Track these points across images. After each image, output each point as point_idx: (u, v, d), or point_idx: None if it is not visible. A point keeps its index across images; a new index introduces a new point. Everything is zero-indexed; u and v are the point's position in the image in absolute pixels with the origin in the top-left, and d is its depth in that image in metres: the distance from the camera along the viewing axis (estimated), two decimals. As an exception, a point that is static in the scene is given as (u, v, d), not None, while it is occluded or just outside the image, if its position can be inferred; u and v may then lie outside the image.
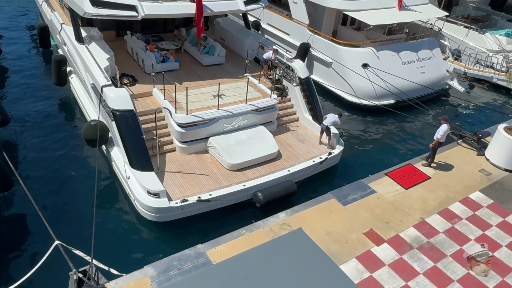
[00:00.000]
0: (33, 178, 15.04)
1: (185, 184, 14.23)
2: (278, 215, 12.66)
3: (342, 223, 12.58)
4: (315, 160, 16.20)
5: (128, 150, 14.24)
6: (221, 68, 20.03)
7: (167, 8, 17.08)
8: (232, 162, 14.96)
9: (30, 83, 21.85)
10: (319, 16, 25.74)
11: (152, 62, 18.13)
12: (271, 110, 17.26)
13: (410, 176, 15.02)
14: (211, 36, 22.49)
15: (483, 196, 14.38)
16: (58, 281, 10.73)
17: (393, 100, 22.32)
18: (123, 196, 14.81)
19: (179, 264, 10.57)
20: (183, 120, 15.29)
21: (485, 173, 15.62)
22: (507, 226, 13.08)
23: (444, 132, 15.01)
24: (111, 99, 14.58)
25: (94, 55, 16.81)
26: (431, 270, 11.20)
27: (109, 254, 12.12)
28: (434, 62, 24.56)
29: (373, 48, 22.94)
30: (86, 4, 16.07)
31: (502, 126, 16.12)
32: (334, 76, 23.45)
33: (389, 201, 13.73)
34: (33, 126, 18.22)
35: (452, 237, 12.42)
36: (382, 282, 10.67)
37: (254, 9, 20.50)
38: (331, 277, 8.42)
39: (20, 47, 26.00)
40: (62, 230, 11.47)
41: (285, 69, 19.21)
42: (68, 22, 20.09)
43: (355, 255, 11.43)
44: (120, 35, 21.44)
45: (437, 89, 24.21)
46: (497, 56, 27.52)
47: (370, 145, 19.83)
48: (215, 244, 11.39)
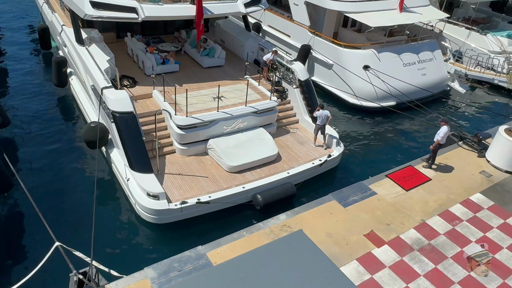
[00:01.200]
0: (33, 180, 15.01)
1: (184, 186, 14.22)
2: (279, 217, 12.63)
3: (342, 225, 12.54)
4: (315, 162, 16.18)
5: (128, 152, 14.23)
6: (221, 70, 20.03)
7: (167, 10, 17.10)
8: (231, 164, 14.95)
9: (30, 84, 21.89)
10: (320, 18, 25.74)
11: (152, 64, 18.14)
12: (271, 112, 17.25)
13: (410, 178, 14.98)
14: (211, 38, 22.50)
15: (484, 198, 14.33)
16: (58, 282, 10.72)
17: (394, 102, 22.28)
18: (123, 198, 14.80)
19: (179, 266, 10.53)
20: (183, 122, 15.29)
21: (485, 175, 15.57)
22: (508, 228, 13.02)
23: (444, 134, 14.96)
24: (111, 101, 14.58)
25: (95, 56, 16.84)
26: (432, 272, 11.14)
27: (109, 256, 12.15)
28: (435, 64, 24.53)
29: (374, 50, 22.93)
30: (87, 6, 16.09)
31: (502, 128, 16.07)
32: (335, 78, 23.43)
33: (390, 203, 13.68)
34: (33, 128, 18.22)
35: (453, 238, 12.37)
36: (383, 284, 10.62)
37: (254, 11, 20.50)
38: (331, 279, 8.40)
39: (20, 48, 26.06)
40: (62, 232, 11.44)
41: (285, 71, 19.20)
42: (68, 23, 20.12)
43: (355, 257, 11.37)
44: (120, 37, 21.49)
45: (438, 91, 24.18)
46: (498, 57, 27.50)
47: (370, 146, 19.80)
48: (215, 245, 11.35)
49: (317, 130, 16.89)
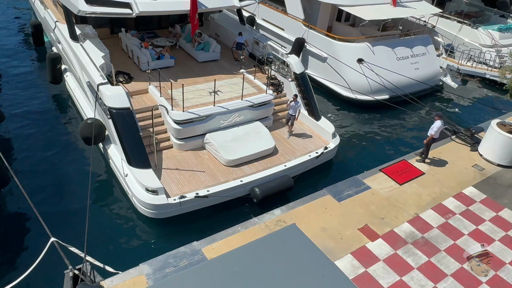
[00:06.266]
0: (28, 176, 14.99)
1: (182, 180, 14.31)
2: (274, 212, 12.78)
3: (337, 219, 12.73)
4: (311, 154, 16.33)
5: (126, 148, 14.27)
6: (216, 64, 20.04)
7: (161, 5, 17.04)
8: (229, 158, 15.05)
9: (24, 80, 21.73)
10: (314, 11, 25.78)
11: (147, 59, 18.09)
12: (267, 106, 17.35)
13: (404, 172, 15.18)
14: (206, 32, 22.48)
15: (476, 191, 14.58)
16: (53, 278, 10.75)
17: (387, 95, 22.44)
18: (119, 194, 14.84)
19: (174, 262, 10.66)
20: (180, 117, 15.34)
21: (478, 169, 15.81)
22: (500, 221, 13.29)
23: (437, 128, 15.13)
24: (108, 97, 14.59)
25: (89, 53, 16.76)
26: (425, 265, 11.37)
27: (105, 252, 12.18)
28: (428, 58, 24.70)
29: (368, 43, 23.02)
30: (80, 2, 16.01)
31: (495, 122, 16.31)
32: (329, 71, 23.52)
33: (384, 197, 13.88)
34: (28, 124, 18.15)
35: (446, 232, 12.61)
36: (377, 277, 10.83)
37: (248, 5, 20.54)
38: (325, 273, 8.49)
39: (13, 44, 25.77)
40: (57, 228, 11.43)
41: (280, 64, 19.27)
42: (62, 20, 20.00)
43: (350, 251, 11.58)
44: (114, 32, 21.36)
45: (431, 85, 24.37)
46: (490, 52, 27.69)
47: (364, 141, 19.95)
48: (210, 241, 11.49)
49: (287, 120, 17.12)
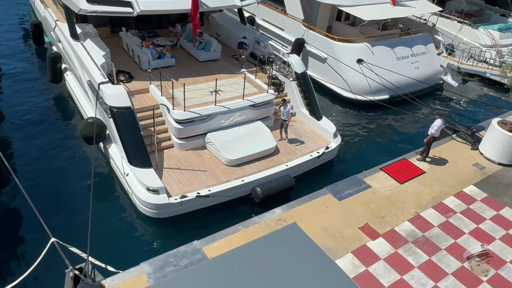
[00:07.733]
0: (28, 176, 15.02)
1: (183, 180, 14.32)
2: (274, 211, 12.78)
3: (337, 218, 12.73)
4: (313, 154, 16.34)
5: (126, 147, 14.29)
6: (217, 63, 20.07)
7: (162, 4, 17.08)
8: (230, 157, 15.06)
9: (24, 80, 21.75)
10: (314, 11, 25.80)
11: (148, 58, 18.11)
12: (268, 106, 17.38)
13: (405, 171, 15.19)
14: (207, 31, 22.52)
15: (477, 190, 14.59)
16: (54, 278, 10.78)
17: (387, 95, 22.47)
18: (120, 193, 14.85)
19: (175, 261, 10.65)
20: (181, 116, 15.35)
21: (479, 167, 15.82)
22: (501, 220, 13.30)
23: (438, 127, 15.15)
24: (109, 96, 14.60)
25: (90, 52, 16.78)
26: (426, 264, 11.38)
27: (106, 251, 12.17)
28: (428, 57, 24.72)
29: (367, 43, 23.04)
30: (81, 0, 16.02)
31: (495, 120, 16.31)
32: (329, 72, 23.54)
33: (384, 196, 13.89)
34: (29, 124, 18.16)
35: (447, 230, 12.62)
36: (378, 276, 10.84)
37: (249, 4, 20.54)
38: (325, 271, 8.50)
39: (13, 44, 25.81)
40: (58, 228, 11.51)
41: (281, 64, 19.29)
42: (62, 19, 20.03)
43: (350, 250, 11.58)
44: (115, 32, 21.40)
45: (431, 84, 24.39)
46: (490, 51, 27.71)
47: (365, 140, 19.97)
48: (211, 240, 11.48)
49: (280, 125, 16.93)
